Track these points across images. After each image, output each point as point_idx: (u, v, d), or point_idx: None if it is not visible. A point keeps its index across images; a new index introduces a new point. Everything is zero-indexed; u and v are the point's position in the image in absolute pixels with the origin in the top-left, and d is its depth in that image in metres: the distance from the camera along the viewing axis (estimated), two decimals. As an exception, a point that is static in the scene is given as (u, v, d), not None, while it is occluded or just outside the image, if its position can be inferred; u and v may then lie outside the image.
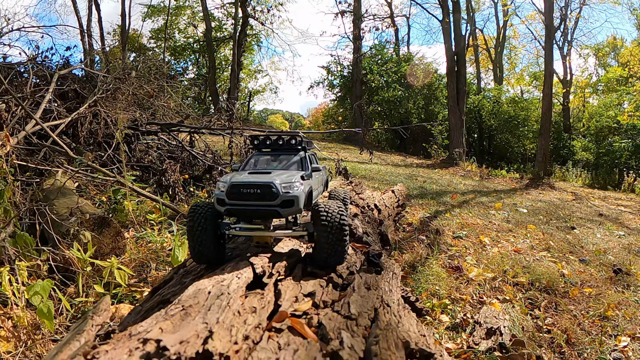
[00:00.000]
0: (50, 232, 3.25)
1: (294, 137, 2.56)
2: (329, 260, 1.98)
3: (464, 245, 5.31)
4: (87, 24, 25.70)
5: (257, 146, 2.62)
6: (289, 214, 2.02)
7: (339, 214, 1.95)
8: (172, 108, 9.90)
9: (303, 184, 2.09)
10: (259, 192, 1.97)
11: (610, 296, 4.01)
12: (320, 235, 1.95)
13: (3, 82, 7.23)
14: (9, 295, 2.35)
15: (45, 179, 6.16)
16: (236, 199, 2.00)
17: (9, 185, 4.41)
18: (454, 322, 3.24)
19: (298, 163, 2.43)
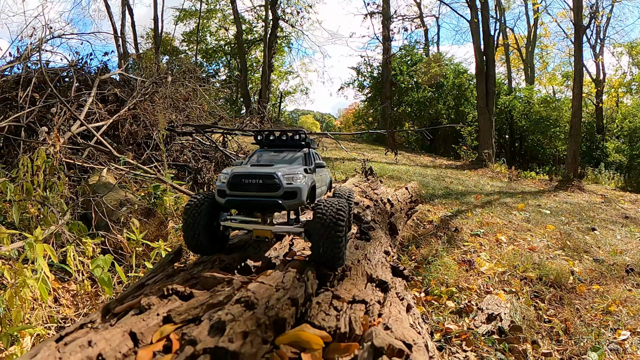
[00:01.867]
0: (105, 219, 3.74)
1: (298, 133, 2.54)
2: (324, 257, 1.89)
3: (479, 242, 5.58)
4: (121, 28, 26.64)
5: (261, 142, 2.62)
6: (291, 206, 2.00)
7: (337, 209, 1.89)
8: (206, 110, 10.46)
9: (306, 177, 2.07)
10: (261, 182, 1.96)
11: (616, 293, 4.22)
12: (314, 230, 1.90)
13: (51, 87, 7.91)
14: (72, 269, 2.80)
15: (90, 176, 6.72)
16: (237, 189, 1.99)
17: (62, 180, 4.98)
18: (459, 307, 3.56)
19: (302, 159, 2.40)
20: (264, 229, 2.05)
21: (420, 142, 27.78)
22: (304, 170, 2.11)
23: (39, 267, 2.38)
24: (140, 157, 8.20)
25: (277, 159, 2.40)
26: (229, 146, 9.40)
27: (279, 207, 1.97)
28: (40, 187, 4.69)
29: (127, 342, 1.17)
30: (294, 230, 2.06)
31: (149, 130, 8.75)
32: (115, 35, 24.71)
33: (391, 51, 28.05)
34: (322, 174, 2.56)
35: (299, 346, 1.28)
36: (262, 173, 1.97)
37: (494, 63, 21.64)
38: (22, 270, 2.25)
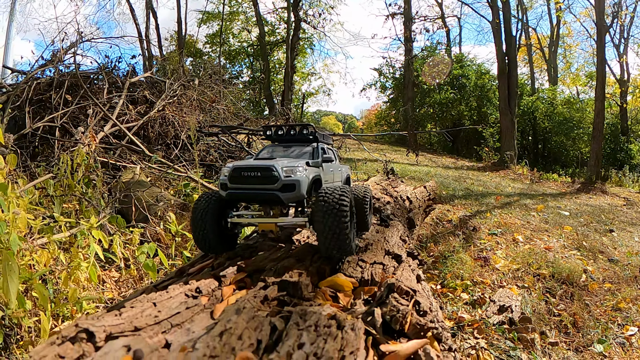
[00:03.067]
0: (145, 212, 4.08)
1: (306, 128, 2.57)
2: (331, 245, 1.87)
3: (496, 241, 5.77)
4: (146, 31, 27.16)
5: (270, 137, 2.65)
6: (289, 199, 1.99)
7: (340, 195, 1.87)
8: (232, 112, 10.84)
9: (307, 170, 2.07)
10: (260, 174, 1.98)
11: (627, 292, 4.37)
12: (317, 218, 1.88)
13: (86, 89, 8.35)
14: (118, 256, 3.13)
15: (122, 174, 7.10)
16: (238, 182, 2.01)
17: (100, 177, 5.37)
18: (472, 299, 3.78)
19: (309, 153, 2.40)
20: (267, 222, 2.09)
21: (443, 144, 27.73)
22: (306, 163, 2.13)
23: (91, 251, 2.70)
24: (169, 156, 8.58)
25: (285, 153, 2.43)
26: (254, 146, 9.74)
27: (277, 200, 1.98)
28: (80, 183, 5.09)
29: (213, 282, 1.65)
30: (297, 222, 2.08)
31: (177, 131, 9.14)
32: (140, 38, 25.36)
33: (413, 52, 28.06)
34: (332, 168, 2.56)
35: (335, 288, 1.74)
36: (260, 165, 2.00)
37: (516, 64, 21.52)
38: (76, 254, 2.56)
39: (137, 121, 8.79)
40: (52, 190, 4.68)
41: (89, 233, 2.86)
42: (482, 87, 26.86)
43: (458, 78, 26.99)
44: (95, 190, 5.00)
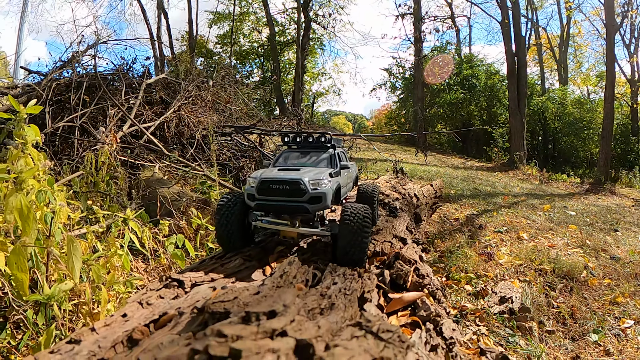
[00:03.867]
0: (170, 207, 4.35)
1: (324, 135, 2.65)
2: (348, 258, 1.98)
3: (501, 238, 5.96)
4: (157, 31, 27.43)
5: (288, 143, 2.73)
6: (316, 210, 2.10)
7: (364, 216, 2.01)
8: (245, 112, 11.12)
9: (331, 181, 2.18)
10: (288, 188, 2.06)
11: (626, 287, 4.54)
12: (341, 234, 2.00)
13: (106, 90, 8.66)
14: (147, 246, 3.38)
15: (141, 172, 7.36)
16: (266, 194, 2.09)
17: (122, 175, 5.66)
18: (475, 290, 3.99)
19: (327, 160, 2.50)
20: (290, 231, 2.16)
21: (452, 144, 27.78)
22: (329, 174, 2.23)
23: (125, 241, 2.96)
24: (184, 155, 8.86)
25: (303, 160, 2.53)
26: (266, 146, 9.99)
27: (305, 211, 2.08)
28: (104, 180, 5.38)
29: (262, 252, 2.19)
30: (319, 233, 2.17)
31: (192, 131, 9.43)
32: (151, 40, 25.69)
33: (423, 52, 28.13)
34: (347, 172, 2.67)
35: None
36: (289, 179, 2.08)
37: (525, 64, 21.52)
38: (113, 243, 2.82)
39: (153, 121, 9.07)
40: (78, 187, 4.95)
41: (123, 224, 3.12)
42: (492, 87, 26.86)
43: (468, 78, 27.00)
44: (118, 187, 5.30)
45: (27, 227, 1.65)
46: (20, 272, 1.62)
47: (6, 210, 1.76)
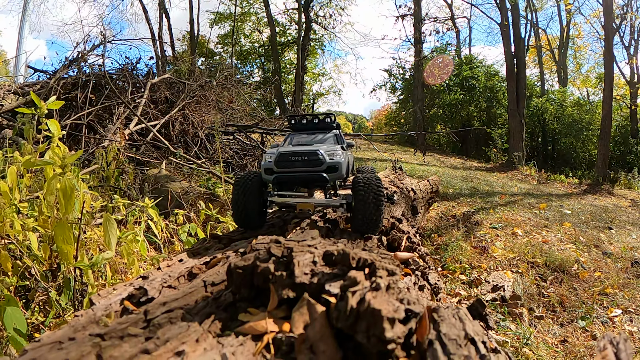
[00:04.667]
0: (180, 200, 4.56)
1: (329, 116, 2.72)
2: (365, 225, 2.06)
3: (496, 234, 6.16)
4: (159, 31, 27.57)
5: (295, 125, 2.79)
6: (334, 178, 2.18)
7: (377, 183, 2.07)
8: (247, 112, 11.33)
9: (343, 153, 2.27)
10: (306, 159, 2.14)
11: (615, 279, 4.74)
12: (357, 202, 2.05)
13: (114, 90, 8.85)
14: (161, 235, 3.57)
15: (148, 169, 7.55)
16: (285, 166, 2.16)
17: (131, 171, 5.87)
18: (469, 280, 4.19)
19: (333, 139, 2.58)
20: (307, 203, 2.24)
21: (452, 144, 27.94)
22: (341, 147, 2.34)
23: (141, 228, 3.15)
24: (189, 153, 9.06)
25: (310, 140, 2.59)
26: (268, 145, 10.19)
27: (324, 180, 2.15)
28: (113, 176, 5.58)
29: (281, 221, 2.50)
30: (334, 203, 2.25)
31: (196, 130, 9.64)
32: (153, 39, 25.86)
33: (423, 53, 28.30)
34: (350, 152, 2.74)
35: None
36: (306, 150, 2.17)
37: (524, 65, 21.70)
38: (133, 229, 3.01)
39: (158, 120, 9.27)
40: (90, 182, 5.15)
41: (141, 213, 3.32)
42: (491, 89, 27.03)
43: (468, 79, 27.18)
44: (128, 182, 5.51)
45: (68, 206, 1.84)
46: (66, 244, 1.82)
47: (47, 191, 1.96)
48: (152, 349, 0.84)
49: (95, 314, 1.16)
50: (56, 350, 0.84)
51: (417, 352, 0.82)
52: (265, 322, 0.98)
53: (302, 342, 0.87)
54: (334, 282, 1.03)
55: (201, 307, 1.12)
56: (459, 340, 0.79)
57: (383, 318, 0.81)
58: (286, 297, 1.04)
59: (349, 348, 0.86)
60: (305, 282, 1.06)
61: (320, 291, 1.02)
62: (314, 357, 0.82)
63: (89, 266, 2.07)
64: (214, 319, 1.01)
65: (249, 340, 0.91)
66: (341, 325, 0.86)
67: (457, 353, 0.75)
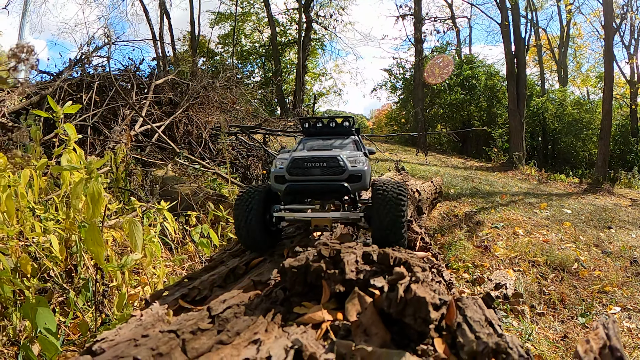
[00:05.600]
0: (190, 202, 4.66)
1: (347, 120, 2.41)
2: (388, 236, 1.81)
3: (498, 233, 6.27)
4: (159, 32, 27.57)
5: (308, 129, 2.47)
6: (356, 189, 1.89)
7: (397, 185, 1.86)
8: (250, 112, 11.44)
9: (366, 160, 2.00)
10: (325, 165, 1.86)
11: (614, 277, 4.84)
12: (375, 210, 1.82)
13: (120, 91, 8.96)
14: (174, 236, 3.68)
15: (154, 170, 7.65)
16: (299, 174, 1.88)
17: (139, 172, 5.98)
18: (473, 278, 4.30)
19: (352, 145, 2.27)
20: (322, 217, 1.94)
21: (452, 144, 28.00)
22: (364, 154, 2.05)
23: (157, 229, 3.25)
24: (193, 154, 9.17)
25: (330, 145, 2.28)
26: (271, 146, 10.29)
27: (345, 191, 1.87)
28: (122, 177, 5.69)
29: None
30: (353, 216, 1.96)
31: (200, 130, 9.74)
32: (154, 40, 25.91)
33: (423, 53, 28.35)
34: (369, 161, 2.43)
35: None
36: (325, 156, 1.88)
37: (524, 65, 21.78)
38: (148, 231, 3.11)
39: (162, 121, 9.37)
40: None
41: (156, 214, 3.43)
42: (492, 88, 27.10)
43: (468, 79, 27.25)
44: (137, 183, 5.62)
45: (96, 210, 1.94)
46: (96, 246, 1.91)
47: (73, 195, 2.06)
48: (226, 339, 1.01)
49: (158, 313, 1.28)
50: (134, 347, 0.96)
51: (448, 333, 1.03)
52: (321, 313, 1.18)
53: (357, 327, 1.08)
54: (376, 277, 1.27)
55: (257, 303, 1.30)
56: (481, 322, 1.02)
57: (427, 303, 1.04)
58: (338, 292, 1.26)
59: (394, 331, 1.07)
60: (353, 278, 1.28)
61: (365, 285, 1.23)
62: (368, 338, 1.01)
63: (120, 267, 2.17)
64: (275, 312, 1.18)
65: (309, 328, 1.09)
66: (392, 311, 1.08)
67: (480, 331, 0.97)
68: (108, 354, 0.95)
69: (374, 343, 1.01)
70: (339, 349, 0.98)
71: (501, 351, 0.94)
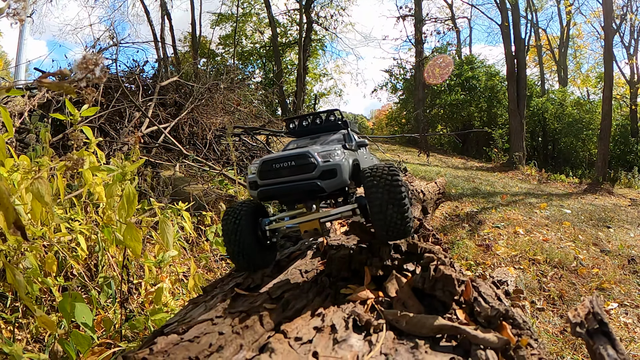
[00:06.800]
0: (202, 202, 4.81)
1: (332, 113, 2.26)
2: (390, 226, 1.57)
3: (499, 233, 6.41)
4: (161, 32, 27.62)
5: (294, 130, 2.34)
6: (331, 186, 1.68)
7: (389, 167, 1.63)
8: (253, 113, 11.60)
9: (345, 153, 1.78)
10: (294, 164, 1.70)
11: (612, 275, 4.99)
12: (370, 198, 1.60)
13: (127, 93, 9.09)
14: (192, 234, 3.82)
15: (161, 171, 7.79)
16: (269, 177, 1.72)
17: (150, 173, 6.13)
18: (475, 275, 4.42)
19: (340, 139, 2.11)
20: (308, 220, 1.76)
21: (453, 144, 28.07)
22: (343, 146, 1.85)
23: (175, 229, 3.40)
24: (198, 155, 9.31)
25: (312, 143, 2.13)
26: (274, 147, 10.44)
27: (318, 190, 1.67)
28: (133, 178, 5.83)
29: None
30: (343, 211, 1.77)
31: (204, 132, 9.88)
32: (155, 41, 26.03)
33: (424, 54, 28.49)
34: (366, 155, 2.29)
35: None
36: (293, 154, 1.73)
37: (524, 66, 21.89)
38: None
39: (168, 122, 9.51)
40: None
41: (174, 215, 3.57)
42: (492, 89, 27.20)
43: (468, 79, 27.37)
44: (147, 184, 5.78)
45: (130, 210, 2.08)
46: (134, 242, 2.05)
47: (107, 195, 2.20)
48: (292, 315, 1.29)
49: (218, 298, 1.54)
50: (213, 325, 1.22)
51: (466, 305, 1.28)
52: (365, 292, 1.44)
53: (397, 301, 1.38)
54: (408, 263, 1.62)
55: (308, 287, 1.55)
56: (492, 296, 1.31)
57: (454, 279, 1.34)
58: (377, 275, 1.56)
59: (425, 304, 1.36)
60: (389, 264, 1.60)
61: (399, 270, 1.55)
62: (406, 309, 1.29)
63: (157, 263, 2.32)
64: (326, 294, 1.46)
65: (358, 304, 1.35)
66: (426, 287, 1.39)
67: (493, 302, 1.25)
68: (193, 332, 1.16)
69: (411, 312, 1.27)
70: (387, 316, 1.26)
71: (509, 316, 1.23)
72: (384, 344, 1.13)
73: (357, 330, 1.20)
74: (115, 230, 2.33)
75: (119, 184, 2.21)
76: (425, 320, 1.20)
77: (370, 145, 15.20)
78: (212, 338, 1.12)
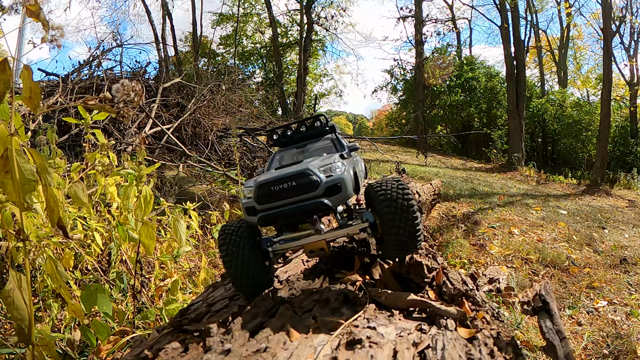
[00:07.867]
0: (207, 202, 4.98)
1: (317, 119, 2.14)
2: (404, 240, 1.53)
3: (494, 233, 6.58)
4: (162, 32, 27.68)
5: (278, 141, 2.20)
6: (338, 202, 1.59)
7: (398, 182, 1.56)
8: (255, 114, 11.77)
9: (345, 163, 1.67)
10: (295, 184, 1.57)
11: (602, 274, 5.15)
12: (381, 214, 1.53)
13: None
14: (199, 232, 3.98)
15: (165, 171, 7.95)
16: (268, 201, 1.59)
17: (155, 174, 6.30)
18: (468, 273, 4.58)
19: (330, 146, 2.02)
20: (315, 241, 1.63)
21: (452, 145, 28.10)
22: (340, 156, 1.75)
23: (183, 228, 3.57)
24: (201, 156, 9.48)
25: (303, 155, 2.02)
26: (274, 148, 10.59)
27: (326, 208, 1.56)
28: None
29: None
30: (353, 230, 1.65)
31: (207, 132, 10.05)
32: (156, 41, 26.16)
33: (424, 54, 28.58)
34: (356, 158, 2.16)
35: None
36: (292, 172, 1.59)
37: (524, 67, 21.97)
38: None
39: (171, 123, 9.67)
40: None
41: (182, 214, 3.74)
42: (491, 90, 27.30)
43: (468, 80, 27.48)
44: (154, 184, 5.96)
45: (147, 209, 2.24)
46: (149, 239, 2.22)
47: (124, 196, 2.37)
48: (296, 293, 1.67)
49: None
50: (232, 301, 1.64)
51: (437, 287, 1.62)
52: (355, 276, 1.76)
53: (380, 282, 1.72)
54: None
55: (309, 273, 1.90)
56: (458, 280, 1.67)
57: (424, 266, 1.72)
58: (365, 262, 1.90)
59: (404, 286, 1.70)
60: (375, 253, 1.96)
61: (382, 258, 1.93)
62: (387, 288, 1.62)
63: (173, 258, 2.49)
64: (324, 277, 1.82)
65: (349, 285, 1.68)
66: (402, 272, 1.75)
67: (457, 285, 1.59)
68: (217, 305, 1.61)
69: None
70: (371, 293, 1.58)
71: (470, 296, 1.61)
72: (367, 312, 1.42)
73: (347, 303, 1.51)
74: (128, 228, 2.50)
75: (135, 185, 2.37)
76: (401, 296, 1.51)
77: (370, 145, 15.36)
78: (233, 309, 1.50)
